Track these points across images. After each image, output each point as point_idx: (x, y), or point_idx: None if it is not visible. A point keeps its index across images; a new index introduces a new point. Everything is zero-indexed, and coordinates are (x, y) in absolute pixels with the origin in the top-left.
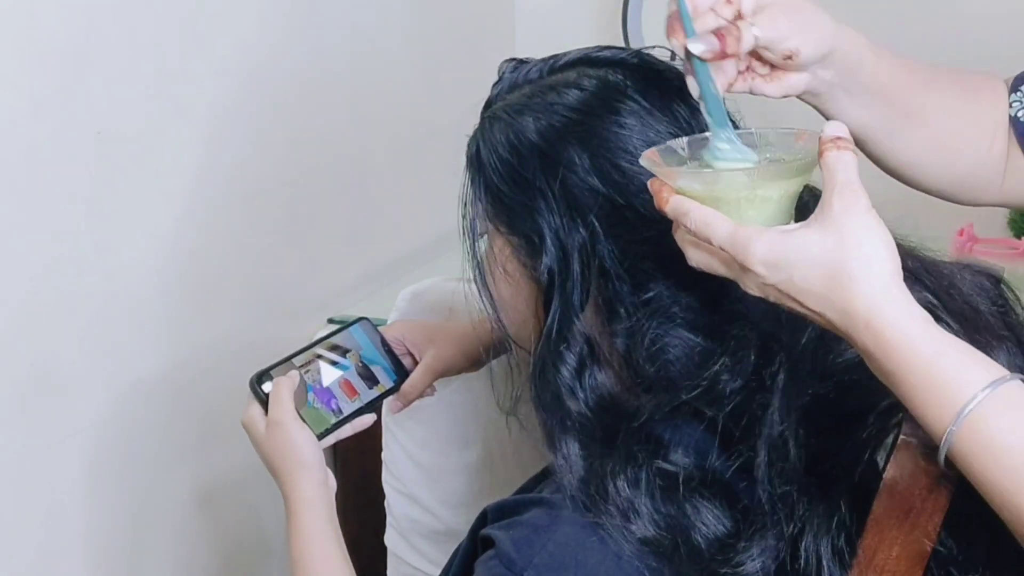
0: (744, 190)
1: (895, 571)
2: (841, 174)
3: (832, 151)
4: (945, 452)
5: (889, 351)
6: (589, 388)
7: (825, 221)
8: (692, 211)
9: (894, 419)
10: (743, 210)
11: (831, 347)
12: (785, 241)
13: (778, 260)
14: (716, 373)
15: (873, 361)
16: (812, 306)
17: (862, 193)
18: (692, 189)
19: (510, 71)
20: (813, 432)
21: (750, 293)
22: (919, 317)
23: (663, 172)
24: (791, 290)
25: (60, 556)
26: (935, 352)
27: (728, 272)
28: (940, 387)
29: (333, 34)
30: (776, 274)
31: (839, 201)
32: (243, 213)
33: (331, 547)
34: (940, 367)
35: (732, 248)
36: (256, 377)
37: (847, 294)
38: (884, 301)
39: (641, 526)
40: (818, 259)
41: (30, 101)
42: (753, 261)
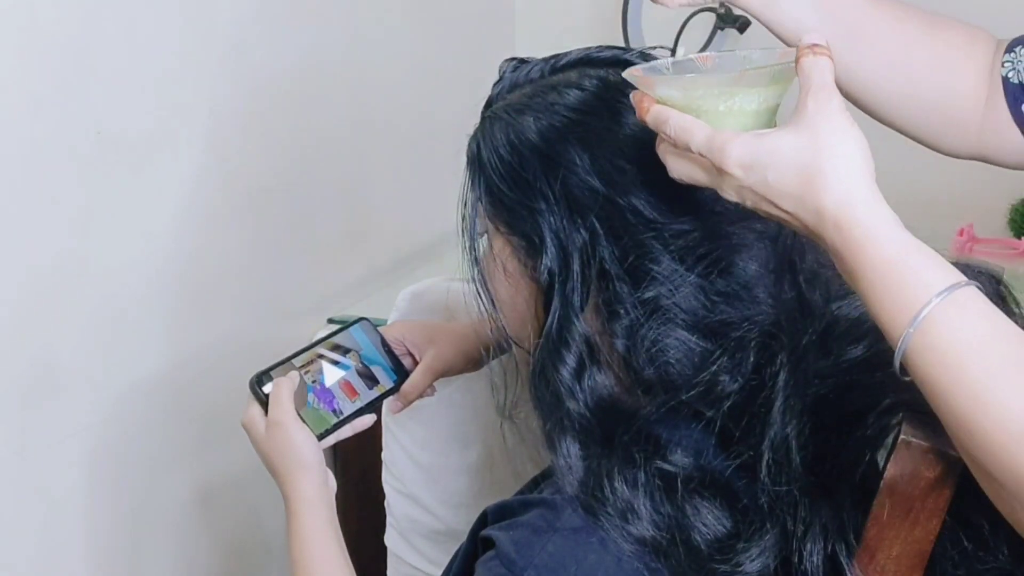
0: (723, 97)
1: (895, 571)
2: (816, 78)
3: (808, 56)
4: (900, 356)
5: (854, 249)
6: (588, 389)
7: (800, 122)
8: (672, 118)
9: (894, 419)
10: (722, 120)
11: (832, 347)
12: (760, 142)
13: (753, 161)
14: (715, 374)
15: (840, 260)
16: (786, 207)
17: (836, 95)
18: (671, 97)
19: (511, 71)
20: (814, 432)
21: (728, 199)
22: (887, 218)
23: (643, 81)
24: (766, 191)
25: (60, 556)
26: (897, 253)
27: (707, 179)
28: (898, 289)
29: (333, 34)
30: (751, 175)
31: (813, 102)
32: (243, 213)
33: (331, 547)
34: (900, 268)
35: (709, 152)
36: (256, 378)
37: (818, 192)
38: (854, 199)
39: (641, 527)
40: (792, 159)
41: (30, 101)
42: (729, 163)
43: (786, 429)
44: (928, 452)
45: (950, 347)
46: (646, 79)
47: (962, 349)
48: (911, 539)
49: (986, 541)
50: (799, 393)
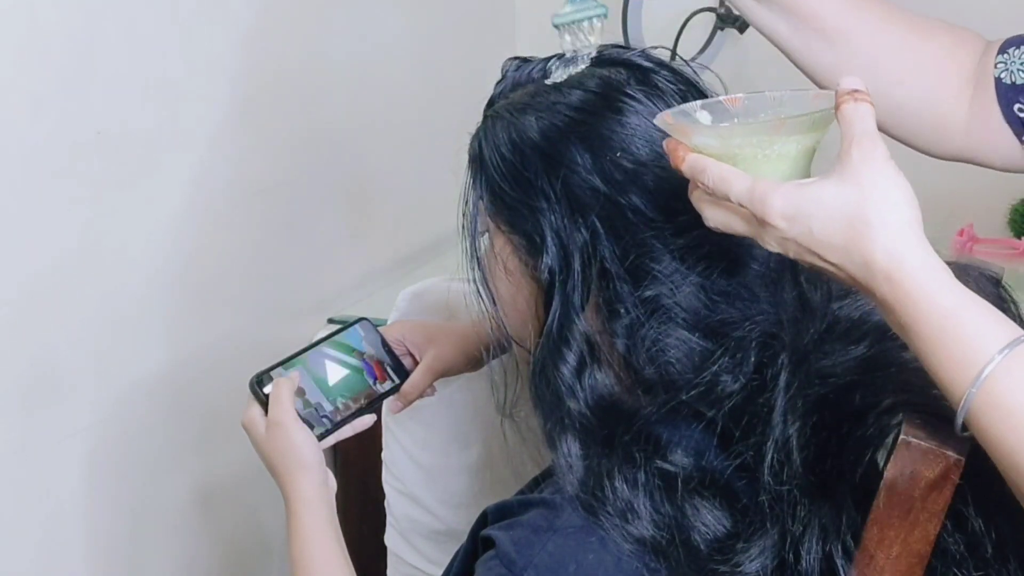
0: (761, 145)
1: (895, 571)
2: (859, 125)
3: (849, 103)
4: (963, 416)
5: (907, 303)
6: (589, 388)
7: (844, 172)
8: (709, 168)
9: (894, 419)
10: (759, 166)
11: (833, 347)
12: (804, 193)
13: (797, 212)
14: (716, 374)
15: (891, 313)
16: (832, 259)
17: (880, 143)
18: (708, 146)
19: (513, 69)
20: (814, 432)
21: (769, 249)
22: (939, 269)
23: (678, 129)
24: (810, 243)
25: (60, 556)
26: (953, 305)
27: (747, 229)
28: (957, 345)
29: (333, 35)
30: (795, 227)
31: (857, 151)
32: (243, 213)
33: (331, 547)
34: (958, 322)
35: (750, 203)
36: (256, 378)
37: (866, 244)
38: (904, 251)
39: (640, 526)
40: (837, 210)
41: (30, 101)
42: (772, 215)
43: (788, 430)
44: (928, 452)
45: (1016, 405)
46: (682, 127)
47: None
48: (911, 539)
49: (985, 542)
50: (801, 393)
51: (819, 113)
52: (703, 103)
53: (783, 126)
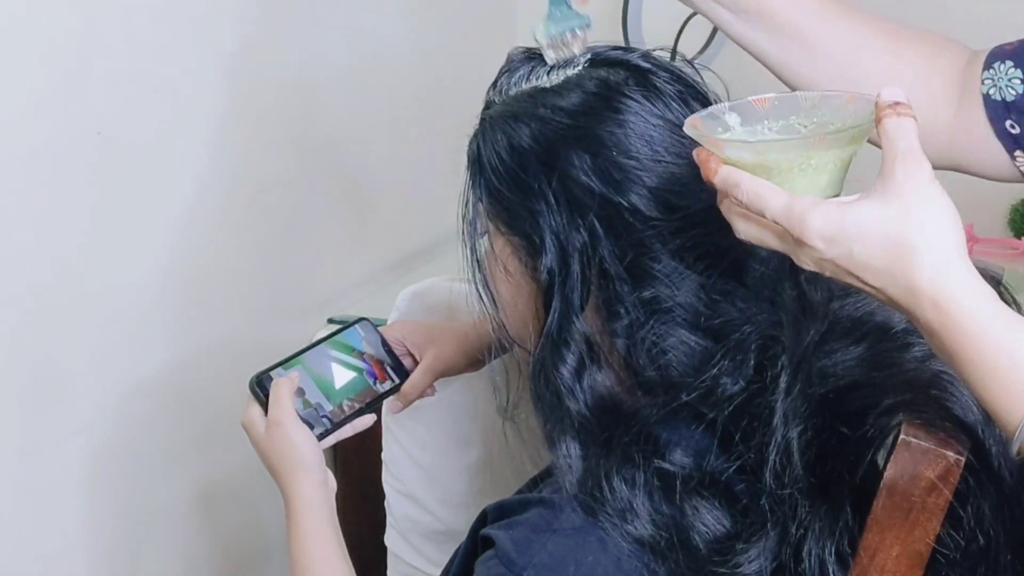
0: (798, 159)
1: (895, 571)
2: (902, 141)
3: (892, 117)
4: (1019, 444)
5: (954, 330)
6: (588, 388)
7: (887, 192)
8: (743, 182)
9: (894, 419)
10: (795, 179)
11: (834, 347)
12: (844, 213)
13: (837, 234)
14: (716, 376)
15: (937, 339)
16: (872, 281)
17: (925, 162)
18: (742, 159)
19: (520, 60)
20: (815, 434)
21: (804, 267)
22: (986, 294)
23: (711, 142)
24: (850, 265)
25: (60, 556)
26: (1003, 332)
27: (781, 246)
28: (1008, 371)
29: (333, 35)
30: (835, 248)
31: (901, 169)
32: (243, 213)
33: (331, 547)
34: (1010, 347)
35: (787, 221)
36: (256, 378)
37: (911, 269)
38: (951, 277)
39: (640, 526)
40: (880, 232)
41: (31, 102)
42: (811, 235)
43: (789, 432)
44: (928, 452)
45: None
46: (716, 142)
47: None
48: (911, 539)
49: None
50: (802, 395)
51: (858, 128)
52: (731, 105)
53: (822, 142)
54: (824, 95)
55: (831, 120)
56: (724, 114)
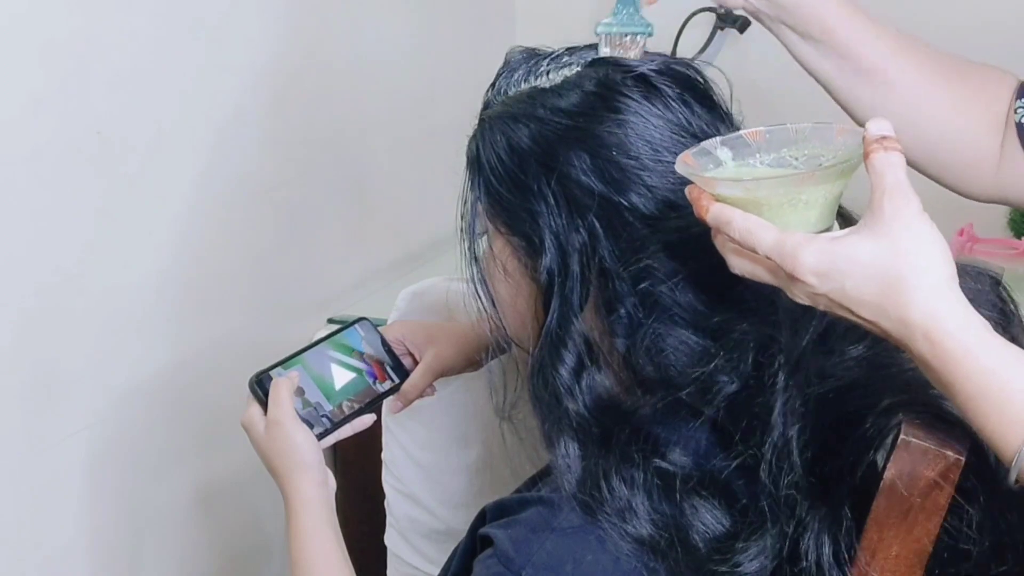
0: (787, 195)
1: (895, 571)
2: (890, 176)
3: (879, 152)
4: (1016, 474)
5: (948, 363)
6: (587, 388)
7: (876, 227)
8: (735, 220)
9: (894, 419)
10: (786, 214)
11: (832, 347)
12: (835, 249)
13: (829, 269)
14: (713, 374)
15: (931, 372)
16: (866, 315)
17: (913, 196)
18: (732, 196)
19: (518, 60)
20: (814, 434)
21: (798, 301)
22: (978, 326)
23: (701, 180)
24: (843, 300)
25: (60, 556)
26: (995, 363)
27: (774, 280)
28: (1003, 402)
29: (333, 35)
30: (827, 284)
31: (890, 205)
32: (243, 213)
33: (331, 547)
34: (1003, 379)
35: (779, 257)
36: (256, 378)
37: (903, 302)
38: (942, 310)
39: (639, 526)
40: (871, 267)
41: (31, 102)
42: (802, 271)
43: (787, 432)
44: (928, 452)
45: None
46: (707, 180)
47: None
48: (910, 539)
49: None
50: (800, 395)
51: (846, 164)
52: (723, 139)
53: (811, 178)
54: (815, 127)
55: (822, 152)
56: (716, 149)
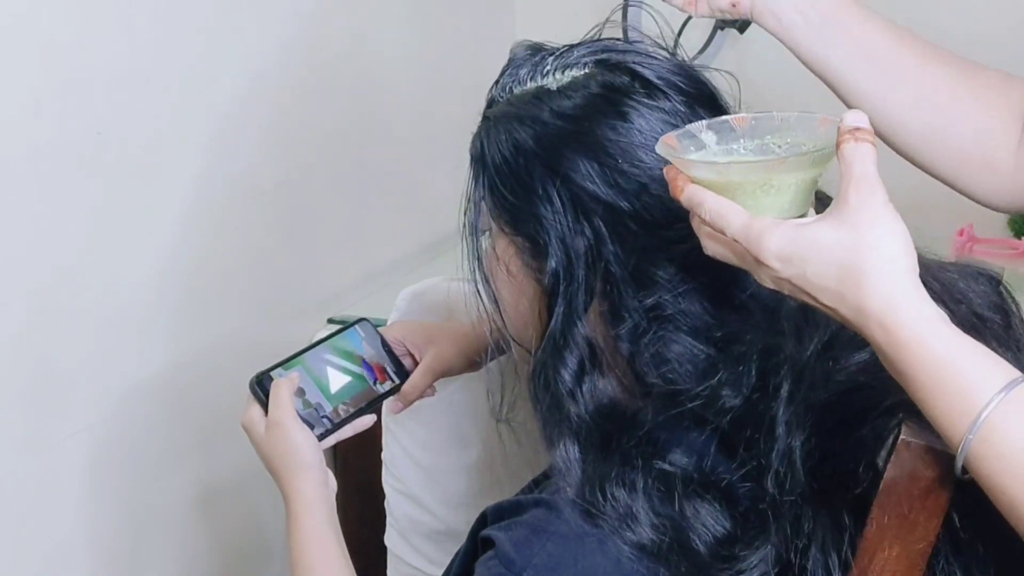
0: (759, 180)
1: (895, 571)
2: (858, 167)
3: (850, 143)
4: (962, 461)
5: (901, 351)
6: (588, 393)
7: (841, 215)
8: (706, 201)
9: (894, 419)
10: (759, 199)
11: (838, 354)
12: (799, 235)
13: (792, 255)
14: (716, 387)
15: (886, 360)
16: (826, 301)
17: (879, 187)
18: (707, 179)
19: (523, 57)
20: (817, 439)
21: (765, 285)
22: (933, 317)
23: (678, 161)
24: (805, 285)
25: (60, 556)
26: (947, 353)
27: (742, 264)
28: (953, 390)
29: (333, 35)
30: (789, 268)
31: (855, 195)
32: (243, 213)
33: (331, 547)
34: (953, 369)
35: (746, 241)
36: (256, 378)
37: (861, 291)
38: (898, 299)
39: (639, 530)
40: (832, 254)
41: (30, 102)
42: (766, 255)
43: (791, 442)
44: (928, 452)
45: (1014, 450)
46: (683, 162)
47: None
48: (911, 540)
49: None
50: (803, 404)
51: (818, 153)
52: (708, 123)
53: (783, 165)
54: (800, 116)
55: (803, 141)
56: (701, 132)
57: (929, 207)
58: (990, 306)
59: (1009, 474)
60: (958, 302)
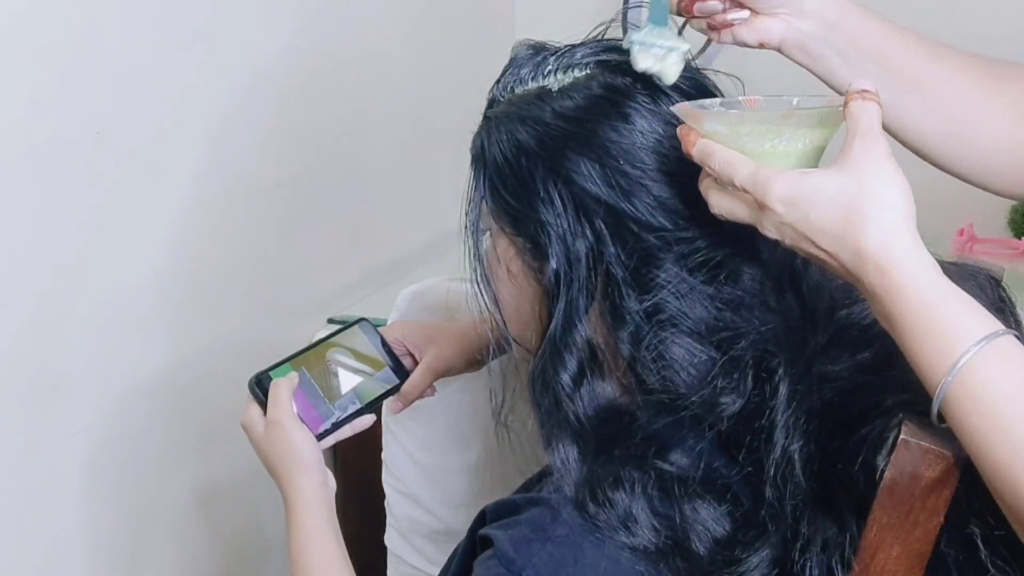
0: (769, 135)
1: (895, 571)
2: (864, 121)
3: (857, 100)
4: (939, 404)
5: (893, 292)
6: (588, 394)
7: (844, 163)
8: (717, 152)
9: (894, 419)
10: (767, 161)
11: (840, 353)
12: (804, 180)
13: (796, 198)
14: (716, 393)
15: (877, 302)
16: (825, 245)
17: (882, 140)
18: (718, 132)
19: (525, 57)
20: (817, 442)
21: (768, 235)
22: (927, 263)
23: (690, 115)
24: (807, 229)
25: (60, 556)
26: (937, 297)
27: (748, 214)
28: (937, 335)
29: (333, 34)
30: (793, 212)
31: (860, 144)
32: (243, 213)
33: (331, 547)
34: (940, 314)
35: (753, 187)
36: (256, 378)
37: (859, 233)
38: (895, 243)
39: (639, 531)
40: (835, 198)
41: (30, 102)
42: (772, 199)
43: (791, 445)
44: (928, 452)
45: (989, 395)
46: (694, 113)
47: (1001, 398)
48: (911, 539)
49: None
50: (802, 407)
51: (827, 109)
52: (721, 101)
53: (792, 117)
54: (807, 98)
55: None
56: (714, 107)
57: (929, 207)
58: (990, 306)
59: (983, 416)
60: None
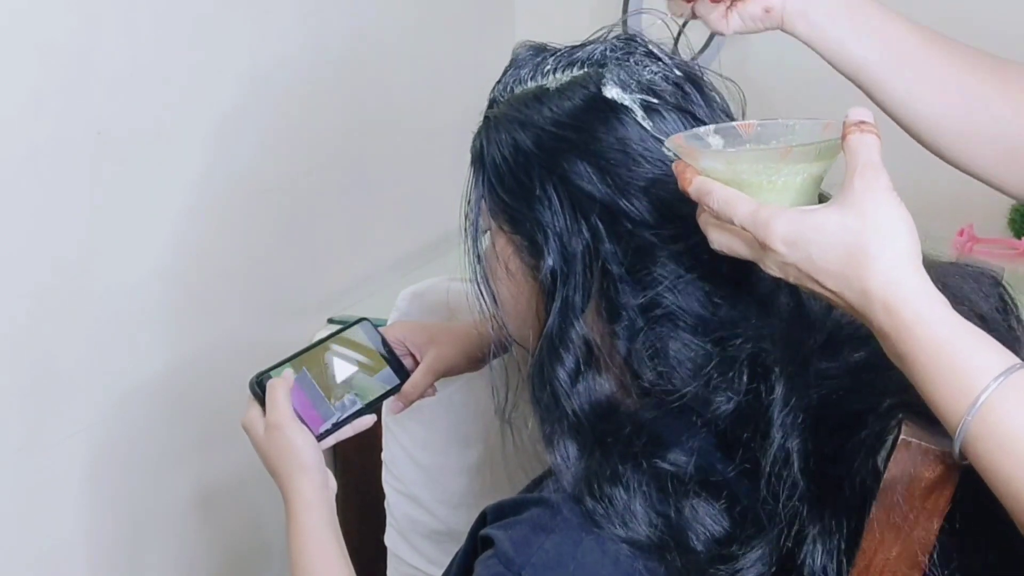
0: (767, 172)
1: (895, 571)
2: (863, 155)
3: (855, 133)
4: (960, 443)
5: (903, 332)
6: (585, 391)
7: (845, 200)
8: (715, 191)
9: (893, 420)
10: (765, 195)
11: (836, 351)
12: (805, 219)
13: (798, 238)
14: (712, 390)
15: (887, 342)
16: (830, 286)
17: (883, 174)
18: (715, 169)
19: (525, 58)
20: (815, 441)
21: (771, 273)
22: (935, 299)
23: (687, 152)
24: (810, 269)
25: (60, 556)
26: (948, 335)
27: (750, 252)
28: (953, 373)
29: (333, 34)
30: (795, 252)
31: (860, 180)
32: (243, 213)
33: (331, 548)
34: (953, 351)
35: (753, 226)
36: (256, 379)
37: (865, 272)
38: (901, 281)
39: (637, 528)
40: (837, 237)
41: (31, 101)
42: (773, 239)
43: (787, 443)
44: (928, 452)
45: (1010, 432)
46: (690, 150)
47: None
48: (910, 540)
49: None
50: (799, 405)
51: (825, 143)
52: (716, 128)
53: (789, 154)
54: (804, 121)
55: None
56: (708, 136)
57: (929, 207)
58: (991, 306)
59: (1005, 454)
60: (959, 302)
